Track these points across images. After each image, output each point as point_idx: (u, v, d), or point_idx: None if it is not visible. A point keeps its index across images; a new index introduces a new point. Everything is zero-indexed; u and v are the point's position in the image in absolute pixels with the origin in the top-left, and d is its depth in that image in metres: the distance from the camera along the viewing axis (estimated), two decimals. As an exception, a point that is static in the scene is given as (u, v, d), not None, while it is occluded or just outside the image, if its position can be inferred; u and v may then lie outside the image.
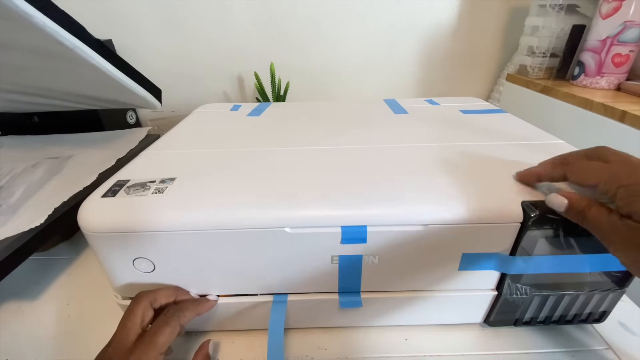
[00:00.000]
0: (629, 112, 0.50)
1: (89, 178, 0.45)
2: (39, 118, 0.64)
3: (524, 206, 0.27)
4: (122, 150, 0.54)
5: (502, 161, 0.34)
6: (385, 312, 0.33)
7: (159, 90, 0.51)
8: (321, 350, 0.33)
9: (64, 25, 0.34)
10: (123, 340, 0.25)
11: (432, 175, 0.31)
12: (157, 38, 0.81)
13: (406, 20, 0.83)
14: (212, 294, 0.32)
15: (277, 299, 0.31)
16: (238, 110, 0.54)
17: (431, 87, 0.92)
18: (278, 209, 0.27)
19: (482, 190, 0.29)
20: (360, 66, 0.88)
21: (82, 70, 0.40)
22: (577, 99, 0.60)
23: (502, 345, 0.33)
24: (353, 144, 0.38)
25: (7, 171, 0.49)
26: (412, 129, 0.43)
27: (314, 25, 0.82)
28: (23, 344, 0.35)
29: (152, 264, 0.29)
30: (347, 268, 0.29)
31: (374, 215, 0.27)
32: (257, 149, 0.38)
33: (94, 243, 0.28)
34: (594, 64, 0.63)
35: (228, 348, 0.33)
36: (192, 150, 0.38)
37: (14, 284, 0.42)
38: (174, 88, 0.86)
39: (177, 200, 0.29)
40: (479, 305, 0.32)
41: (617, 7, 0.58)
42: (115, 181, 0.32)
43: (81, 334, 0.36)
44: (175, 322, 0.27)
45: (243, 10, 0.79)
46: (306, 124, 0.47)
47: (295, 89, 0.86)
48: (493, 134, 0.41)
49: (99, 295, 0.40)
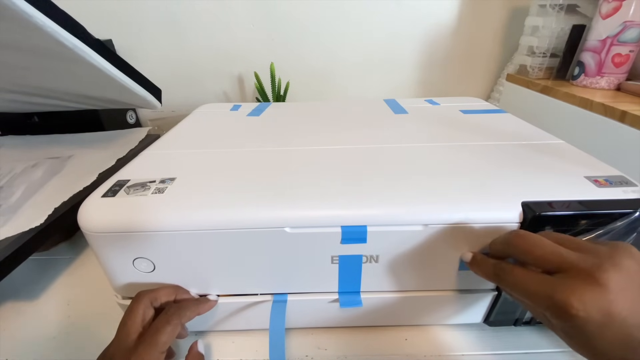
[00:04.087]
0: (629, 112, 0.50)
1: (89, 178, 0.45)
2: (39, 118, 0.64)
3: (524, 206, 0.27)
4: (122, 150, 0.54)
5: (502, 161, 0.34)
6: (385, 312, 0.33)
7: (159, 90, 0.51)
8: (321, 350, 0.33)
9: (64, 25, 0.34)
10: (124, 340, 0.25)
11: (432, 175, 0.31)
12: (157, 38, 0.81)
13: (406, 20, 0.82)
14: (212, 293, 0.32)
15: (277, 299, 0.31)
16: (238, 110, 0.54)
17: (431, 87, 0.92)
18: (278, 209, 0.27)
19: (481, 190, 0.29)
20: (360, 66, 0.88)
21: (82, 70, 0.40)
22: (577, 99, 0.60)
23: (502, 345, 0.33)
24: (353, 144, 0.38)
25: (7, 171, 0.49)
26: (412, 129, 0.43)
27: (314, 25, 0.82)
28: (23, 344, 0.35)
29: (152, 264, 0.29)
30: (347, 268, 0.29)
31: (374, 215, 0.27)
32: (257, 149, 0.38)
33: (94, 243, 0.28)
34: (594, 64, 0.63)
35: (228, 348, 0.33)
36: (192, 150, 0.38)
37: (14, 284, 0.42)
38: (174, 88, 0.86)
39: (177, 200, 0.29)
40: (479, 305, 0.32)
41: (617, 7, 0.58)
42: (115, 181, 0.32)
43: (81, 334, 0.36)
44: (176, 320, 0.27)
45: (243, 11, 0.79)
46: (306, 124, 0.47)
47: (295, 89, 0.86)
48: (493, 134, 0.41)
49: (99, 295, 0.40)
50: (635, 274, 0.19)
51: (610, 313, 0.18)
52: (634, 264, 0.20)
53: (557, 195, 0.28)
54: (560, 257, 0.21)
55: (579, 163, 0.33)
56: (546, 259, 0.21)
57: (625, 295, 0.19)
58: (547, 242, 0.22)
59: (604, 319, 0.18)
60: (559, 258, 0.21)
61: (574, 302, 0.19)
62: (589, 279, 0.19)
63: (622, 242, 0.21)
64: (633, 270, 0.19)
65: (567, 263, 0.20)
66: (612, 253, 0.20)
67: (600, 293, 0.19)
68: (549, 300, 0.20)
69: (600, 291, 0.19)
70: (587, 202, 0.27)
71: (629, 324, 0.18)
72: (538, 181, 0.30)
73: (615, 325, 0.18)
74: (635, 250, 0.21)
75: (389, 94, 0.91)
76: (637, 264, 0.20)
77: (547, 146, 0.37)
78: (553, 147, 0.37)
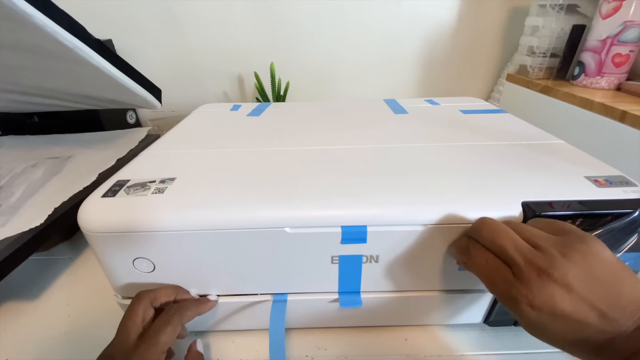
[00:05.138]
0: (629, 112, 0.50)
1: (89, 178, 0.45)
2: (39, 118, 0.64)
3: (524, 206, 0.27)
4: (122, 150, 0.54)
5: (502, 161, 0.34)
6: (385, 312, 0.33)
7: (159, 90, 0.51)
8: (321, 350, 0.33)
9: (64, 25, 0.34)
10: (124, 340, 0.25)
11: (432, 175, 0.31)
12: (157, 38, 0.81)
13: (406, 20, 0.82)
14: (212, 293, 0.32)
15: (277, 299, 0.31)
16: (238, 110, 0.54)
17: (431, 87, 0.92)
18: (278, 209, 0.27)
19: (482, 190, 0.29)
20: (360, 66, 0.88)
21: (82, 70, 0.40)
22: (577, 99, 0.60)
23: (502, 345, 0.33)
24: (353, 144, 0.38)
25: (7, 171, 0.49)
26: (412, 129, 0.43)
27: (314, 25, 0.82)
28: (23, 344, 0.35)
29: (152, 264, 0.29)
30: (347, 268, 0.29)
31: (374, 215, 0.27)
32: (257, 149, 0.38)
33: (94, 243, 0.28)
34: (594, 64, 0.63)
35: (228, 348, 0.33)
36: (192, 150, 0.38)
37: (14, 284, 0.42)
38: (174, 88, 0.86)
39: (177, 200, 0.29)
40: (479, 305, 0.32)
41: (617, 7, 0.58)
42: (115, 181, 0.32)
43: (81, 334, 0.36)
44: (176, 320, 0.27)
45: (243, 11, 0.79)
46: (306, 124, 0.47)
47: (295, 89, 0.86)
48: (493, 134, 0.41)
49: (99, 295, 0.40)
50: (589, 268, 0.20)
51: (557, 308, 0.20)
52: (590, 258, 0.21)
53: (557, 195, 0.28)
54: (518, 252, 0.22)
55: (579, 163, 0.33)
56: (506, 250, 0.22)
57: (574, 290, 0.20)
58: (511, 234, 0.23)
59: (551, 312, 0.20)
60: (516, 252, 0.22)
61: (522, 296, 0.20)
62: (539, 274, 0.20)
63: (583, 236, 0.22)
64: (587, 265, 0.20)
65: (523, 258, 0.21)
66: (566, 250, 0.21)
67: (547, 289, 0.20)
68: (504, 291, 0.22)
69: (548, 287, 0.20)
70: (587, 202, 0.27)
71: (575, 318, 0.19)
72: (538, 181, 0.30)
73: (563, 319, 0.20)
74: (597, 244, 0.21)
75: (389, 94, 0.91)
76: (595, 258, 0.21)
77: (547, 146, 0.37)
78: (553, 147, 0.37)
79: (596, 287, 0.20)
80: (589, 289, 0.20)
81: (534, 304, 0.20)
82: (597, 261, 0.20)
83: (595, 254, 0.21)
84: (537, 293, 0.20)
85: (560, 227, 0.23)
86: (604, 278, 0.20)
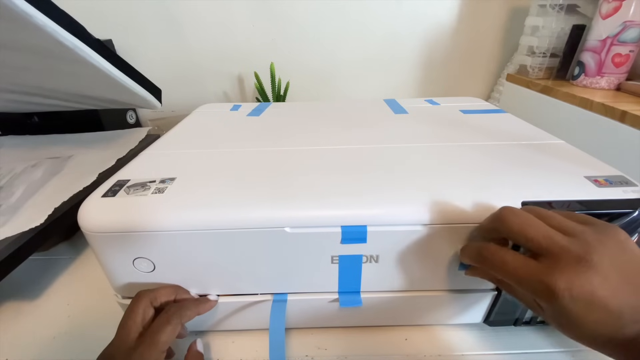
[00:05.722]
0: (629, 112, 0.50)
1: (89, 178, 0.45)
2: (39, 118, 0.64)
3: (524, 206, 0.27)
4: (122, 150, 0.54)
5: (502, 161, 0.34)
6: (385, 312, 0.33)
7: (159, 90, 0.51)
8: (321, 350, 0.33)
9: (64, 25, 0.34)
10: (124, 339, 0.25)
11: (432, 175, 0.31)
12: (157, 38, 0.81)
13: (406, 20, 0.83)
14: (212, 293, 0.32)
15: (277, 298, 0.31)
16: (238, 110, 0.54)
17: (431, 87, 0.92)
18: (278, 208, 0.27)
19: (482, 190, 0.29)
20: (360, 66, 0.88)
21: (82, 70, 0.40)
22: (577, 99, 0.60)
23: (502, 345, 0.33)
24: (353, 144, 0.38)
25: (7, 171, 0.49)
26: (412, 129, 0.43)
27: (314, 25, 0.82)
28: (23, 344, 0.35)
29: (152, 264, 0.29)
30: (347, 268, 0.29)
31: (374, 215, 0.27)
32: (257, 149, 0.38)
33: (94, 243, 0.28)
34: (594, 64, 0.63)
35: (228, 348, 0.33)
36: (192, 150, 0.38)
37: (14, 284, 0.42)
38: (174, 88, 0.86)
39: (177, 200, 0.29)
40: (479, 305, 0.32)
41: (617, 7, 0.58)
42: (115, 181, 0.32)
43: (81, 334, 0.36)
44: (176, 320, 0.27)
45: (243, 11, 0.79)
46: (306, 124, 0.47)
47: (295, 89, 0.86)
48: (493, 134, 0.41)
49: (99, 295, 0.40)
50: (621, 257, 0.20)
51: (595, 295, 0.19)
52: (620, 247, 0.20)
53: (557, 195, 0.28)
54: (551, 241, 0.21)
55: (579, 163, 0.33)
56: (538, 241, 0.21)
57: (610, 278, 0.19)
58: (540, 224, 0.22)
59: (588, 300, 0.19)
60: (550, 241, 0.21)
61: (561, 284, 0.19)
62: (577, 262, 0.20)
63: (609, 225, 0.22)
64: (619, 253, 0.20)
65: (558, 247, 0.21)
66: (601, 237, 0.20)
67: (586, 276, 0.19)
68: (537, 284, 0.20)
69: (587, 274, 0.19)
70: (587, 202, 0.27)
71: (611, 307, 0.19)
72: (538, 181, 0.30)
73: (600, 307, 0.19)
74: (622, 233, 0.21)
75: (389, 93, 0.91)
76: (623, 247, 0.20)
77: (547, 146, 0.37)
78: (553, 147, 0.37)
79: (630, 275, 0.20)
80: (624, 277, 0.19)
81: (573, 292, 0.19)
82: (629, 249, 0.20)
83: (625, 242, 0.21)
84: (577, 281, 0.19)
85: (582, 218, 0.23)
86: (635, 266, 0.20)
